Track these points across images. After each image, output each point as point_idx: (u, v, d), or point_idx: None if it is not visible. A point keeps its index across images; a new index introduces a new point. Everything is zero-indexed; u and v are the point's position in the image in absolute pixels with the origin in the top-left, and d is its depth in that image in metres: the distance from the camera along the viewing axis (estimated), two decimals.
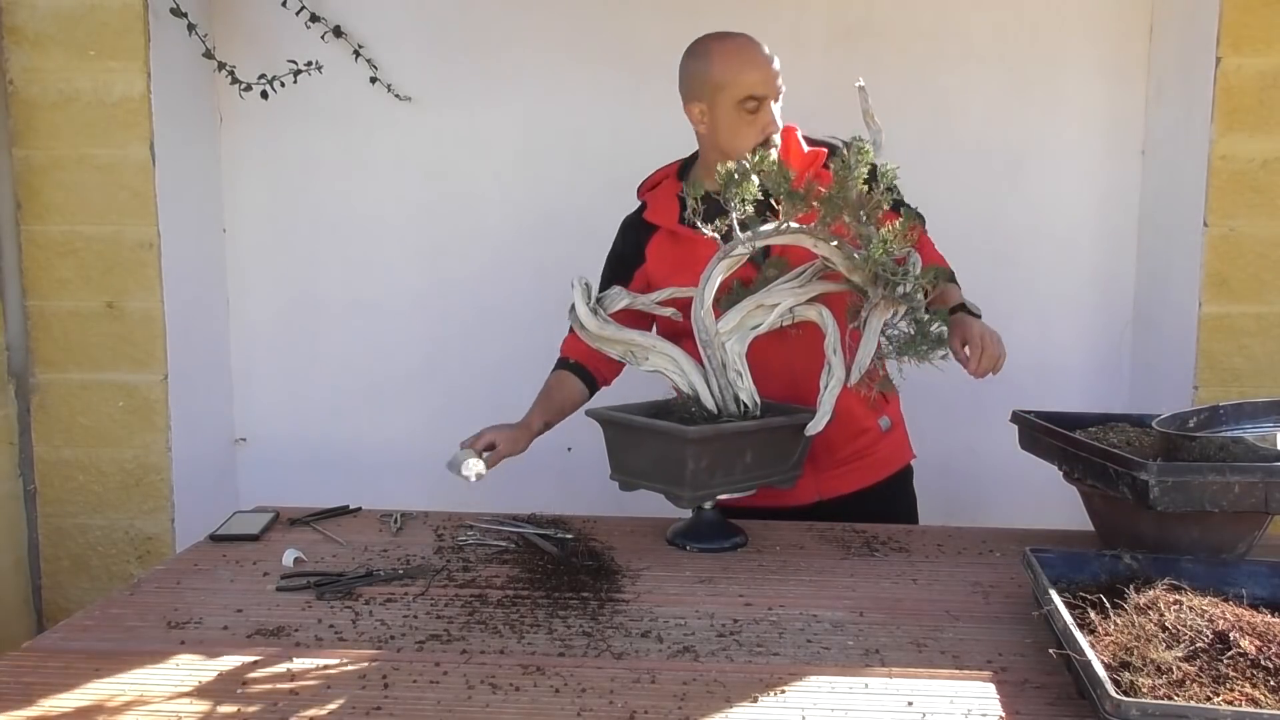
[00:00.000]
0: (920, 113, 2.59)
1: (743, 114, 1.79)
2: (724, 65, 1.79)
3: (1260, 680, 1.06)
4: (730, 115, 1.80)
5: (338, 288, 2.79)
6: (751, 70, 1.78)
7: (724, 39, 1.82)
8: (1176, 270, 2.37)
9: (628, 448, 1.73)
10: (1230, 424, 1.65)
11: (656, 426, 1.66)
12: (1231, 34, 2.27)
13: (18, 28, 2.40)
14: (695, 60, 1.84)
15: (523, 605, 1.45)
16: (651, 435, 1.67)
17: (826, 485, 1.93)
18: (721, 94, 1.79)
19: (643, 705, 1.14)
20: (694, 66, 1.84)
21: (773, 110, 1.81)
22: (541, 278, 2.75)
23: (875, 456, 1.96)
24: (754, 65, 1.78)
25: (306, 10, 2.60)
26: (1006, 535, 1.82)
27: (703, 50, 1.83)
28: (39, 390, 2.51)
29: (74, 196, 2.44)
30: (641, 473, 1.71)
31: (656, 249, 1.91)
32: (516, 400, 2.79)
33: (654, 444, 1.67)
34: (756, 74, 1.78)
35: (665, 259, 1.90)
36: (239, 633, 1.36)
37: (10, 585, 2.49)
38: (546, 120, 2.71)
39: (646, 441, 1.68)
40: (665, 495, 1.67)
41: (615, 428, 1.74)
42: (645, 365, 1.76)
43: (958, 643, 1.33)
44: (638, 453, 1.71)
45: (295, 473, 2.80)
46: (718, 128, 1.83)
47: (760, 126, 1.80)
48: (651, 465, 1.68)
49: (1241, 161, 2.30)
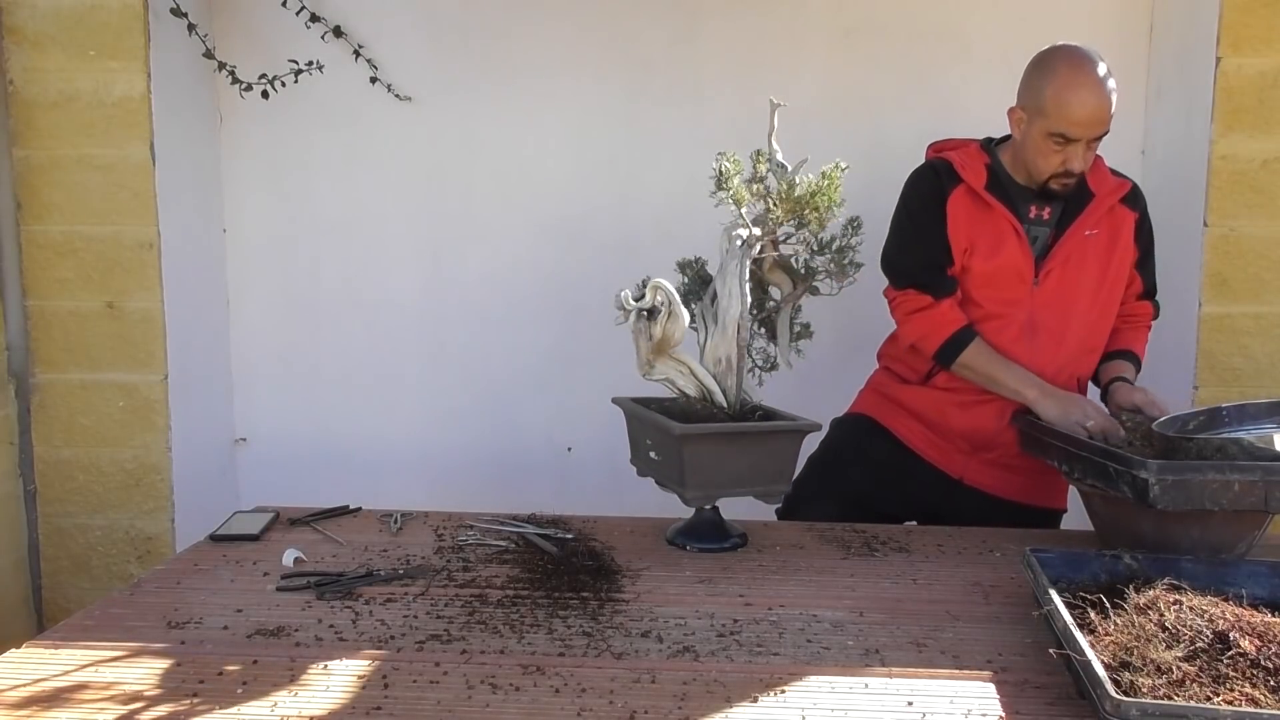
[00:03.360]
0: (920, 113, 2.59)
1: (1050, 144, 1.83)
2: (1056, 96, 1.80)
3: (1260, 680, 1.06)
4: (1039, 139, 1.84)
5: (338, 288, 2.79)
6: (1078, 111, 1.79)
7: (1073, 67, 1.81)
8: (1176, 270, 2.37)
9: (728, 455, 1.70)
10: (1233, 426, 1.65)
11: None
12: (1231, 34, 2.27)
13: (18, 28, 2.40)
14: (1038, 73, 1.85)
15: (523, 605, 1.45)
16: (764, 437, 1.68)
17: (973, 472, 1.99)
18: (1041, 118, 1.82)
19: (643, 705, 1.14)
20: (1034, 78, 1.86)
21: (1081, 151, 1.82)
22: (541, 277, 2.76)
23: (1036, 474, 1.96)
24: (1082, 108, 1.79)
25: (306, 10, 2.60)
26: (1006, 535, 1.82)
27: (1049, 68, 1.83)
28: (39, 390, 2.51)
29: (74, 196, 2.44)
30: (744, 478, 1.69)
31: (957, 202, 1.92)
32: (517, 399, 2.82)
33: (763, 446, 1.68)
34: (1081, 115, 1.79)
35: (964, 215, 1.91)
36: (239, 633, 1.36)
37: (10, 585, 2.49)
38: (546, 120, 2.71)
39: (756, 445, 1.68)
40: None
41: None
42: (654, 375, 1.75)
43: (958, 643, 1.33)
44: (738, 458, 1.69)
45: (295, 473, 2.81)
46: (1026, 141, 1.87)
47: (1063, 159, 1.83)
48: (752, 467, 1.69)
49: (1241, 161, 2.30)
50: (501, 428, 2.81)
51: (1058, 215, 1.92)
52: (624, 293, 1.65)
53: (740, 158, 1.73)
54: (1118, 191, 1.94)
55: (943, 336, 1.90)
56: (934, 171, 1.95)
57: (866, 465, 2.05)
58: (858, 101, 2.65)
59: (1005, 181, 1.92)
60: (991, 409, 1.94)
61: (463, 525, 1.85)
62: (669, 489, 1.73)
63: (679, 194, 2.47)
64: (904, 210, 2.00)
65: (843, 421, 2.13)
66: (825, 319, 2.63)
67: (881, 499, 2.01)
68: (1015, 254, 1.89)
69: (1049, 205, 1.92)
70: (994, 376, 1.89)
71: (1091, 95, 1.78)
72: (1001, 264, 1.89)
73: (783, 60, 2.65)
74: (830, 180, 1.65)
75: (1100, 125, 1.81)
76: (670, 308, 1.63)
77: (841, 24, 2.64)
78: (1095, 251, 1.92)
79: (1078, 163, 1.83)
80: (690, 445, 1.61)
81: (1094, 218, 1.91)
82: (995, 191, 1.91)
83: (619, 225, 2.70)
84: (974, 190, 1.91)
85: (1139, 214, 1.97)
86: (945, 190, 1.92)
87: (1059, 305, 1.90)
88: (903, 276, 1.96)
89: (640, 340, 1.70)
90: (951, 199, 1.91)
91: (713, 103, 2.64)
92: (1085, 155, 1.83)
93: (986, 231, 1.90)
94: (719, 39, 2.65)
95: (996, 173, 1.93)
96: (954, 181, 1.92)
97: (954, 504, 1.98)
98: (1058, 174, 1.85)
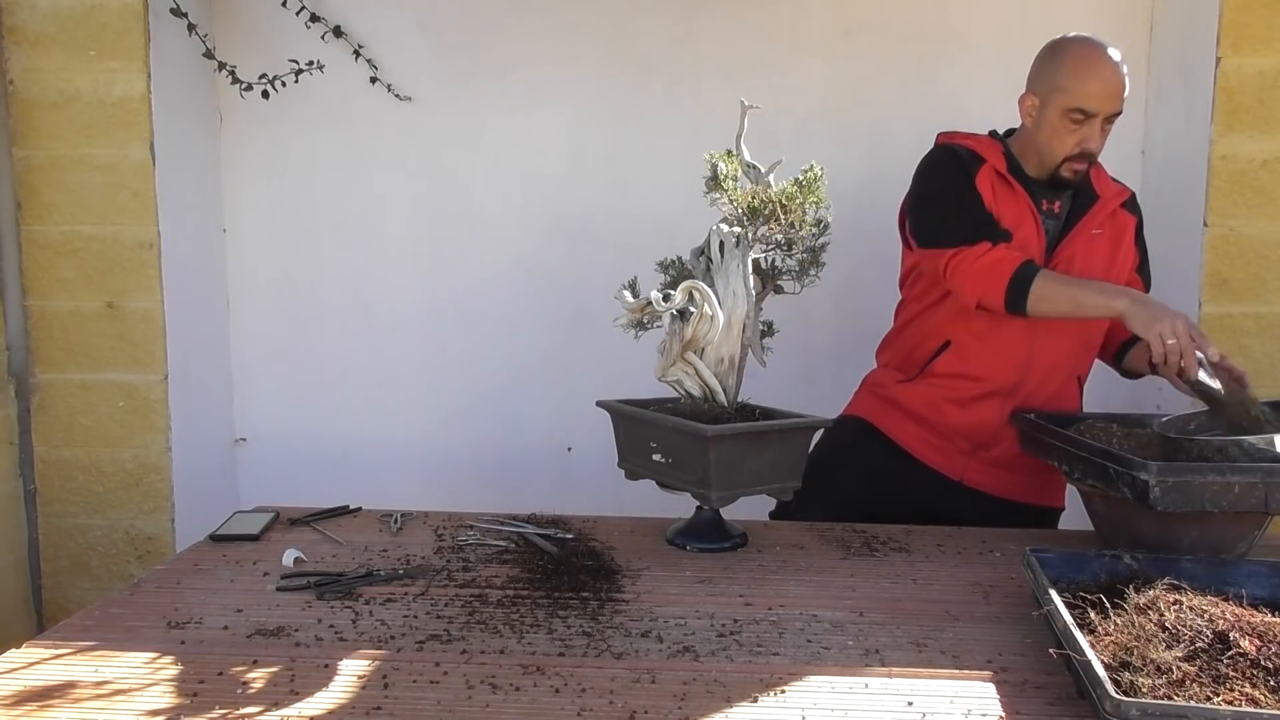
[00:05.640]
0: (920, 113, 2.59)
1: (1067, 122, 1.82)
2: (1072, 70, 1.81)
3: (1260, 680, 1.06)
4: (1056, 119, 1.84)
5: (338, 288, 2.79)
6: (1094, 83, 1.79)
7: (1086, 45, 1.83)
8: (1176, 270, 2.37)
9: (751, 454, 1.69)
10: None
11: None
12: (1231, 34, 2.27)
13: (18, 28, 2.40)
14: (1050, 56, 1.87)
15: (523, 605, 1.45)
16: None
17: (974, 473, 1.98)
18: (1056, 95, 1.83)
19: (643, 705, 1.14)
20: (1046, 62, 1.87)
21: (1098, 129, 1.83)
22: (541, 276, 2.76)
23: (1037, 473, 1.95)
24: (1099, 79, 1.79)
25: (306, 10, 2.60)
26: (1006, 535, 1.82)
27: (1062, 49, 1.85)
28: (39, 390, 2.51)
29: (74, 196, 2.44)
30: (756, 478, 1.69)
31: (984, 180, 1.91)
32: (517, 399, 2.82)
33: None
34: (1098, 88, 1.80)
35: (990, 193, 1.90)
36: (239, 633, 1.36)
37: (10, 585, 2.49)
38: (546, 120, 2.71)
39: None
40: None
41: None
42: (668, 377, 1.75)
43: (958, 643, 1.33)
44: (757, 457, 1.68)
45: (295, 473, 2.81)
46: (1041, 125, 1.87)
47: (1080, 139, 1.83)
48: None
49: (1241, 161, 2.30)
50: (501, 427, 2.81)
51: (1065, 212, 1.93)
52: (654, 294, 1.65)
53: (734, 155, 1.73)
54: (1120, 196, 1.97)
55: (1006, 275, 1.78)
56: (953, 153, 1.94)
57: (860, 470, 2.04)
58: (858, 101, 2.65)
59: (1019, 171, 1.93)
60: (991, 406, 1.94)
61: (463, 525, 1.85)
62: (679, 490, 1.71)
63: (679, 193, 2.47)
64: (931, 182, 1.95)
65: (836, 425, 2.08)
66: (826, 319, 2.65)
67: (876, 503, 1.98)
68: (1031, 238, 1.89)
69: (1058, 200, 1.93)
70: (1075, 297, 1.74)
71: (1108, 68, 1.80)
72: (1018, 245, 1.87)
73: (783, 60, 2.65)
74: (809, 184, 1.65)
75: (1116, 100, 1.81)
76: (702, 309, 1.63)
77: (842, 23, 2.64)
78: (1100, 250, 1.92)
79: (1095, 142, 1.83)
80: (718, 446, 1.60)
81: (1099, 218, 1.93)
82: (1015, 175, 1.91)
83: (619, 224, 2.70)
84: (998, 170, 1.91)
85: (1138, 219, 2.00)
86: (971, 170, 1.91)
87: None
88: (951, 235, 1.86)
89: (673, 342, 1.69)
90: (979, 176, 1.91)
91: (712, 102, 2.63)
92: (1100, 135, 1.84)
93: (1009, 211, 1.89)
94: (719, 38, 2.65)
95: (1012, 160, 1.93)
96: (977, 162, 1.92)
97: (953, 506, 1.97)
98: (1072, 156, 1.84)
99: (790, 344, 1.92)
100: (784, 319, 1.87)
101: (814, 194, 1.65)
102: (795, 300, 1.81)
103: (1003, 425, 1.94)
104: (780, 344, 1.85)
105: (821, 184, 1.66)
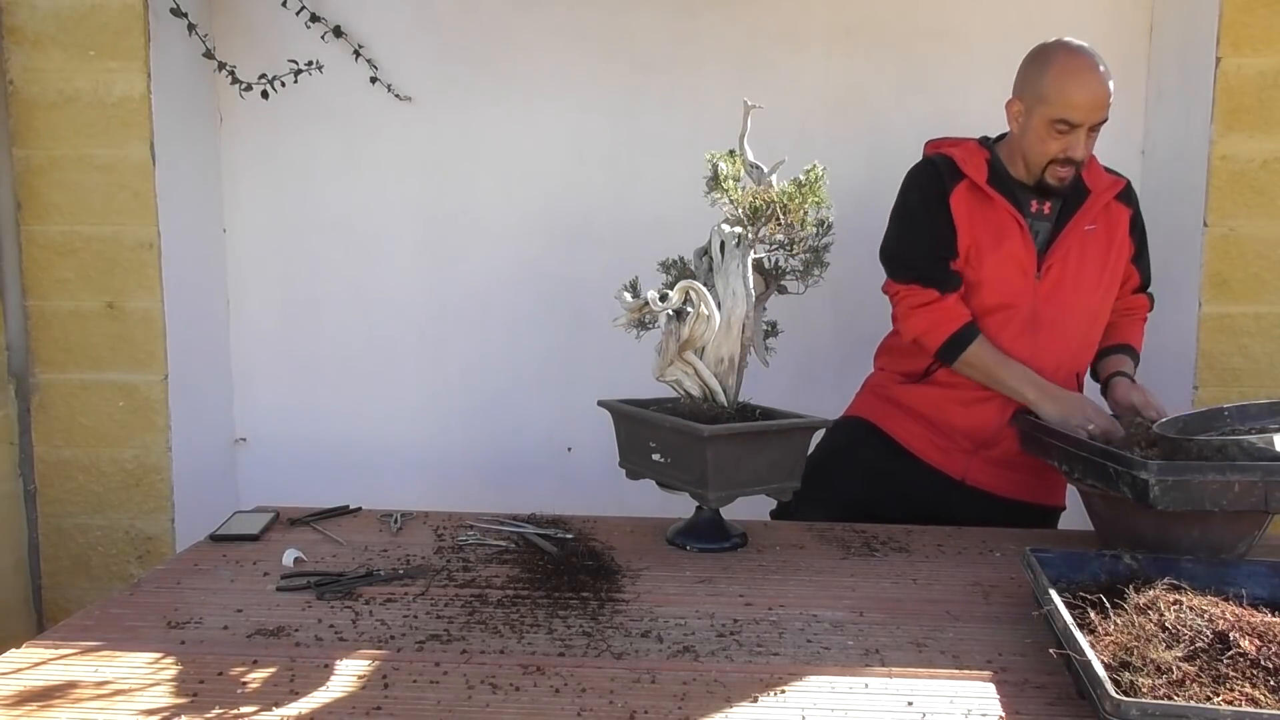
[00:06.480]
0: (920, 113, 2.59)
1: (1052, 131, 1.83)
2: (1056, 81, 1.82)
3: (1260, 680, 1.06)
4: (1040, 127, 1.85)
5: (338, 288, 2.79)
6: (1078, 94, 1.80)
7: (1071, 54, 1.83)
8: (1176, 270, 2.37)
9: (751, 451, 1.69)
10: (1234, 426, 1.65)
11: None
12: (1231, 34, 2.27)
13: (18, 28, 2.40)
14: (1035, 63, 1.88)
15: (523, 605, 1.45)
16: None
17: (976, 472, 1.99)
18: (1041, 105, 1.84)
19: (643, 705, 1.14)
20: (1031, 69, 1.88)
21: (1083, 138, 1.84)
22: (541, 276, 2.75)
23: (1038, 472, 1.96)
24: (1083, 90, 1.80)
25: (306, 10, 2.60)
26: (1006, 535, 1.82)
27: (1046, 57, 1.86)
28: (39, 390, 2.51)
29: (74, 196, 2.44)
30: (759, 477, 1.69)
31: (959, 200, 1.92)
32: (517, 399, 2.82)
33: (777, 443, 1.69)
34: (1082, 99, 1.81)
35: (967, 212, 1.92)
36: (239, 633, 1.36)
37: (10, 585, 2.49)
38: (546, 120, 2.71)
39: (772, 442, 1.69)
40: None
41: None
42: (666, 377, 1.75)
43: (958, 643, 1.33)
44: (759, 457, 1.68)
45: (295, 473, 2.81)
46: (1026, 132, 1.88)
47: (1064, 146, 1.84)
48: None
49: (1241, 161, 2.30)
50: (501, 428, 2.81)
51: (1057, 211, 1.93)
52: (651, 293, 1.65)
53: (736, 155, 1.73)
54: (1113, 188, 1.96)
55: (947, 333, 1.89)
56: (934, 167, 1.96)
57: (861, 470, 2.04)
58: (858, 101, 2.65)
59: (1005, 177, 1.93)
60: (994, 406, 1.94)
61: (463, 525, 1.85)
62: (678, 490, 1.72)
63: (680, 193, 2.47)
64: (904, 203, 1.99)
65: (837, 425, 2.10)
66: (826, 318, 2.65)
67: (877, 503, 1.99)
68: (1017, 247, 1.89)
69: (1049, 201, 1.93)
70: (996, 375, 1.88)
71: (1092, 78, 1.80)
72: (1004, 257, 1.89)
73: (783, 60, 2.65)
74: (810, 184, 1.65)
75: (1100, 110, 1.82)
76: (699, 309, 1.63)
77: (841, 23, 2.64)
78: (1095, 246, 1.93)
79: (1079, 150, 1.84)
80: (715, 446, 1.60)
81: (1091, 214, 1.93)
82: (996, 185, 1.91)
83: (619, 224, 2.70)
84: (976, 185, 1.91)
85: (1133, 210, 2.00)
86: (947, 187, 1.92)
87: (1061, 299, 1.91)
88: (904, 269, 1.95)
89: (669, 341, 1.69)
90: (954, 196, 1.91)
91: (712, 102, 2.63)
92: (1086, 143, 1.84)
93: (989, 226, 1.90)
94: (719, 38, 2.65)
95: (996, 168, 1.94)
96: (956, 178, 1.92)
97: (954, 506, 1.98)
98: (1058, 162, 1.85)
99: (791, 344, 1.92)
100: (784, 319, 1.87)
101: (815, 194, 1.65)
102: (795, 300, 1.81)
103: (1005, 424, 1.94)
104: (780, 344, 1.86)
105: (822, 184, 1.66)
